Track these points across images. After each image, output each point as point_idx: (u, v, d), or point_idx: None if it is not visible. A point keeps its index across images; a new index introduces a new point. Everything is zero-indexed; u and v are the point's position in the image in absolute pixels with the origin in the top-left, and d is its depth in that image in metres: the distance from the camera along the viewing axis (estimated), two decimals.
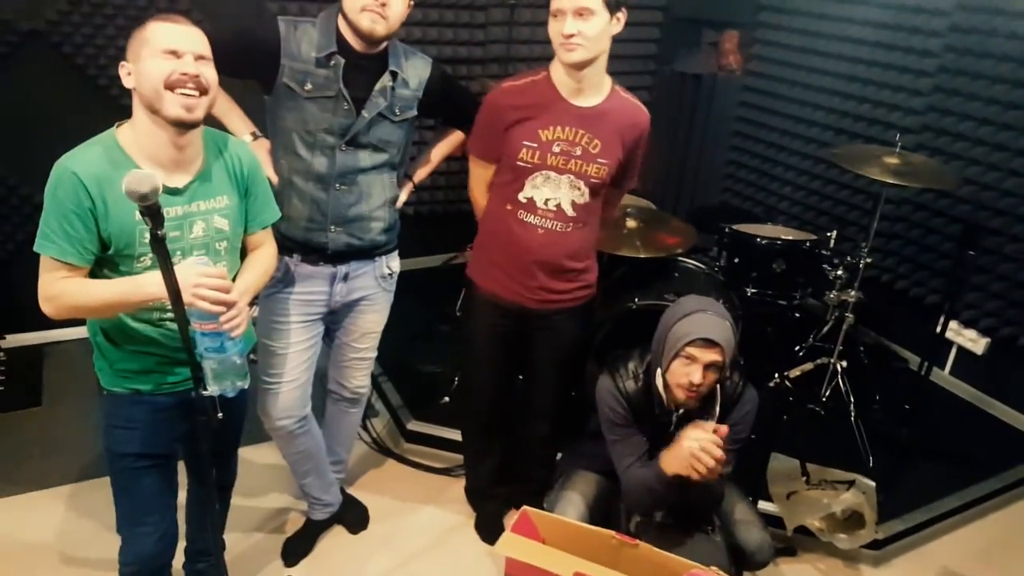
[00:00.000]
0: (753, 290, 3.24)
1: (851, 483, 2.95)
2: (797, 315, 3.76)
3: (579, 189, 2.25)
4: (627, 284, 3.08)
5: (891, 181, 2.97)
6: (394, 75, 2.13)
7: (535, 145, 2.20)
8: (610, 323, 2.96)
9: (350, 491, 2.88)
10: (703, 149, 4.83)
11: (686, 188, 4.95)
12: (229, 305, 1.67)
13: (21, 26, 3.15)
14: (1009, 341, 3.50)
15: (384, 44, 2.11)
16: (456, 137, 2.50)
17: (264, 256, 2.00)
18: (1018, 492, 3.13)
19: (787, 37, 4.36)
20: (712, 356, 2.04)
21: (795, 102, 4.34)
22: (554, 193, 2.25)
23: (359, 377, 2.57)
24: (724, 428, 2.03)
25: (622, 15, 2.10)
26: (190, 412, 1.69)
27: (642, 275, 3.09)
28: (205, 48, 1.69)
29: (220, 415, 1.69)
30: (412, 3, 2.09)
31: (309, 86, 2.06)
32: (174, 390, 1.86)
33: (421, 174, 2.48)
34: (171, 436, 1.92)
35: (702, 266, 3.25)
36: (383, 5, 1.98)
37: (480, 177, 2.36)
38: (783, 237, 3.25)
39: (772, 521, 2.78)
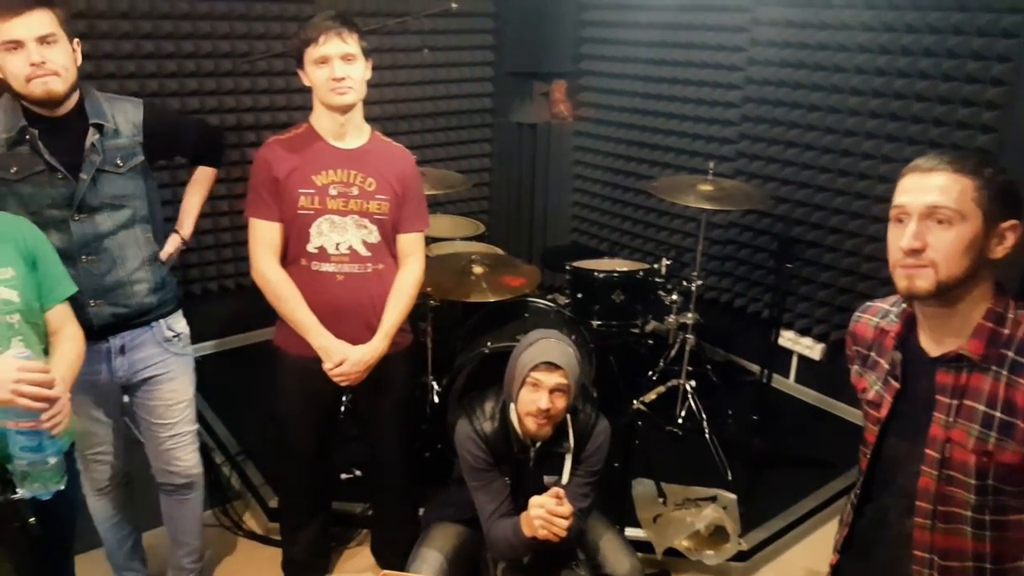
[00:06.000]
0: (599, 322, 3.33)
1: (712, 499, 3.05)
2: (651, 341, 3.91)
3: (366, 228, 2.27)
4: (482, 329, 3.12)
5: (706, 206, 3.16)
6: (100, 128, 2.05)
7: (312, 191, 2.21)
8: (467, 369, 2.97)
9: None
10: (548, 193, 5.00)
11: (537, 232, 5.10)
12: (52, 401, 1.56)
13: None
14: (841, 344, 3.72)
15: (74, 99, 2.02)
16: (205, 175, 2.46)
17: (71, 339, 1.88)
18: None
19: (608, 82, 4.60)
20: (556, 379, 2.08)
21: (622, 142, 4.57)
22: (342, 236, 2.25)
23: (185, 457, 2.40)
24: (559, 490, 2.05)
25: (370, 62, 2.23)
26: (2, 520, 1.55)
27: (495, 319, 3.13)
28: None
29: (32, 519, 1.55)
30: (78, 47, 2.01)
31: (15, 169, 1.95)
32: None
33: (187, 227, 2.41)
34: None
35: (552, 304, 3.32)
36: (41, 64, 1.88)
37: (264, 242, 2.26)
38: (619, 269, 3.37)
39: (644, 546, 2.83)
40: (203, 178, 2.46)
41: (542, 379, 2.09)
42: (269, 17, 3.92)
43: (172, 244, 2.32)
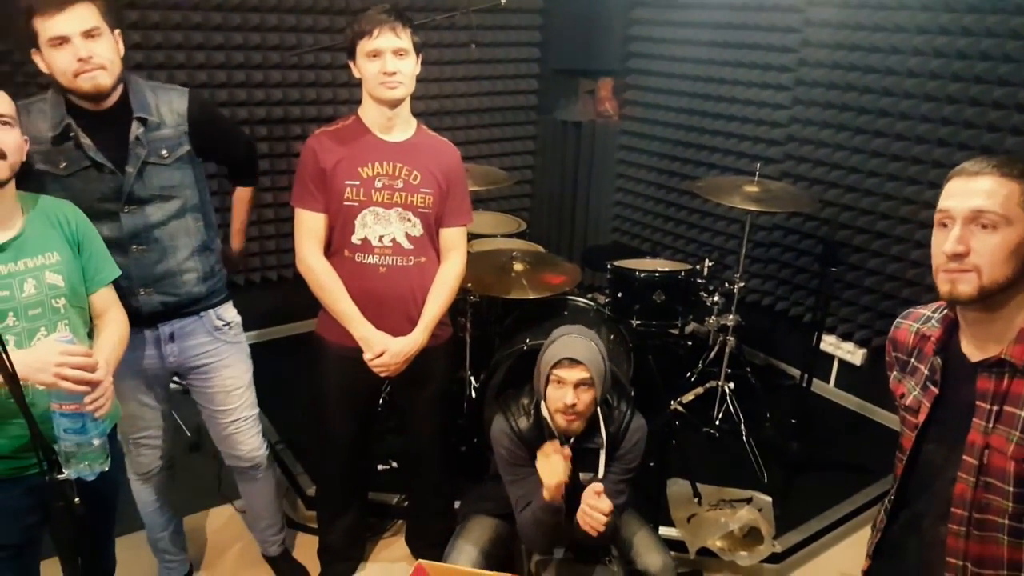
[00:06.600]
0: (638, 322, 3.33)
1: (748, 500, 3.04)
2: (690, 343, 3.89)
3: (409, 221, 2.29)
4: (520, 326, 3.14)
5: (752, 208, 3.14)
6: (144, 121, 2.03)
7: (358, 183, 2.23)
8: (505, 365, 2.98)
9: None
10: (591, 192, 5.00)
11: (578, 230, 5.11)
12: (94, 384, 1.60)
13: None
14: (883, 350, 3.67)
15: (118, 91, 2.01)
16: (245, 195, 2.54)
17: (116, 323, 1.92)
18: None
19: (655, 81, 4.58)
20: (579, 374, 2.09)
21: (668, 142, 4.54)
22: (386, 229, 2.27)
23: (248, 441, 2.45)
24: (599, 485, 2.07)
25: (419, 58, 2.25)
26: (43, 499, 1.58)
27: (535, 316, 3.14)
28: None
29: (77, 500, 1.56)
30: (120, 37, 1.99)
31: (64, 164, 1.95)
32: (20, 475, 1.74)
33: (237, 244, 2.56)
34: (19, 525, 1.78)
35: (591, 303, 3.32)
36: (89, 59, 1.87)
37: (309, 232, 2.28)
38: (660, 269, 3.36)
39: (677, 546, 2.82)
40: (244, 198, 2.54)
41: (564, 375, 2.10)
42: (317, 10, 3.98)
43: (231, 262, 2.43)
